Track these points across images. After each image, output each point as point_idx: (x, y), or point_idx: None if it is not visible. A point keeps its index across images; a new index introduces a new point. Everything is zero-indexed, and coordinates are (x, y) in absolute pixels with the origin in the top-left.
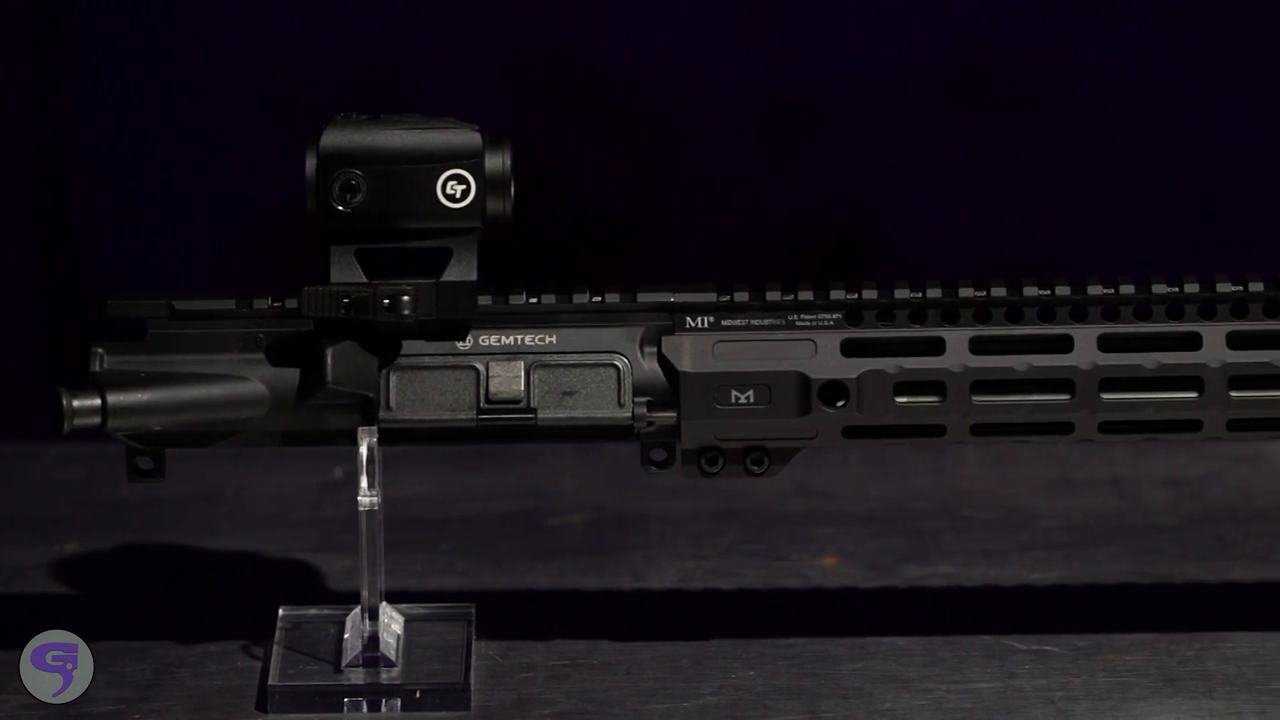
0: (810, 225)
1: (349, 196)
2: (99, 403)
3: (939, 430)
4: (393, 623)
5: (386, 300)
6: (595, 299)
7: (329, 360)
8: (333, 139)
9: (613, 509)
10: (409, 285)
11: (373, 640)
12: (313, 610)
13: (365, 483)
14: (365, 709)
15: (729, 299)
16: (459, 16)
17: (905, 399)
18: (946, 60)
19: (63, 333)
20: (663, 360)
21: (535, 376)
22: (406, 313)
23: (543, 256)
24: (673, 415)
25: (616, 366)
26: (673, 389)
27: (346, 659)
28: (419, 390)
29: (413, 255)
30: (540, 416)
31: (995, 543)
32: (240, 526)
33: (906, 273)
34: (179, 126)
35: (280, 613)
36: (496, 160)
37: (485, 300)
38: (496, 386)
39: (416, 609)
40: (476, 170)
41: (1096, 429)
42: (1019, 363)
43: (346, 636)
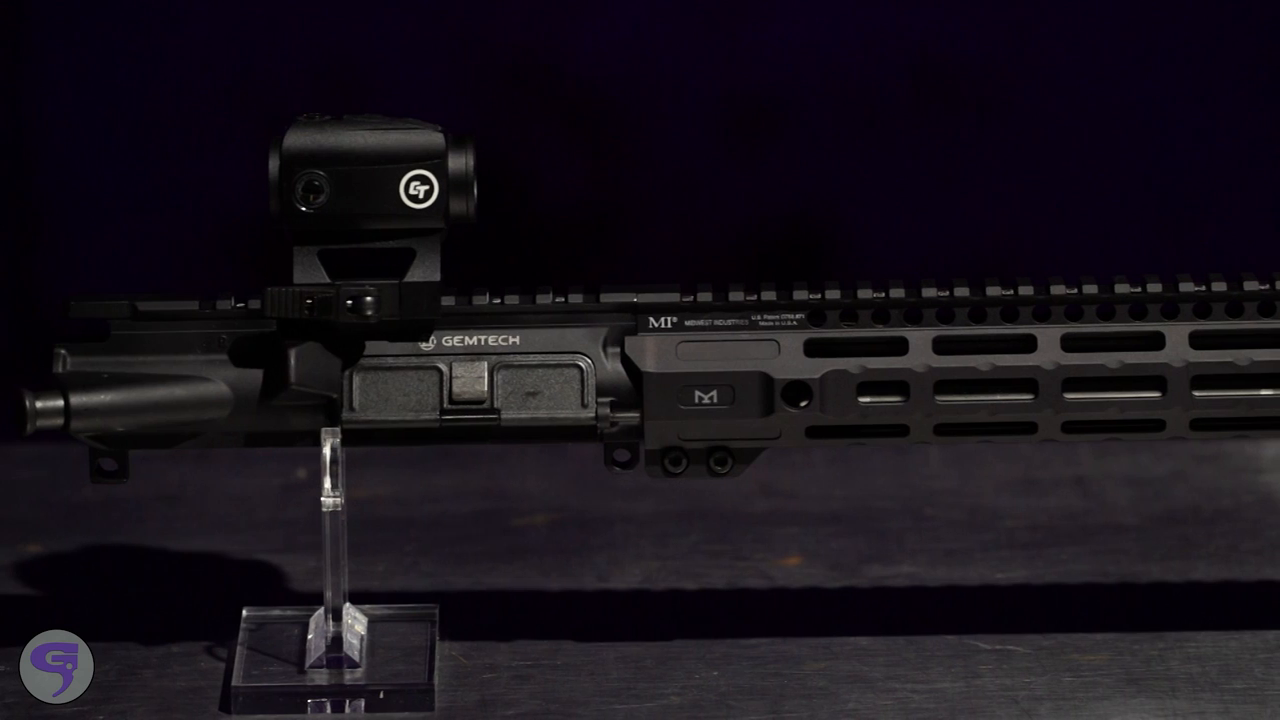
0: (773, 225)
1: (312, 197)
2: (62, 404)
3: (902, 430)
4: (356, 623)
5: (350, 301)
6: (558, 299)
7: (292, 361)
8: (296, 140)
9: (576, 509)
10: (372, 286)
11: (336, 641)
12: (276, 611)
13: (329, 483)
14: (329, 710)
15: (692, 299)
16: (422, 17)
17: (868, 399)
18: (909, 61)
19: (25, 334)
20: (626, 360)
21: (499, 377)
22: (370, 313)
23: (506, 257)
24: (636, 415)
25: (580, 367)
26: (636, 389)
27: (310, 660)
28: (382, 391)
29: (376, 256)
30: (504, 417)
31: (959, 542)
32: (204, 527)
33: (869, 273)
34: (142, 127)
35: (244, 614)
36: (459, 161)
37: (448, 301)
38: (460, 387)
39: (380, 610)
40: (439, 171)
41: (1060, 429)
42: (982, 363)
43: (310, 637)
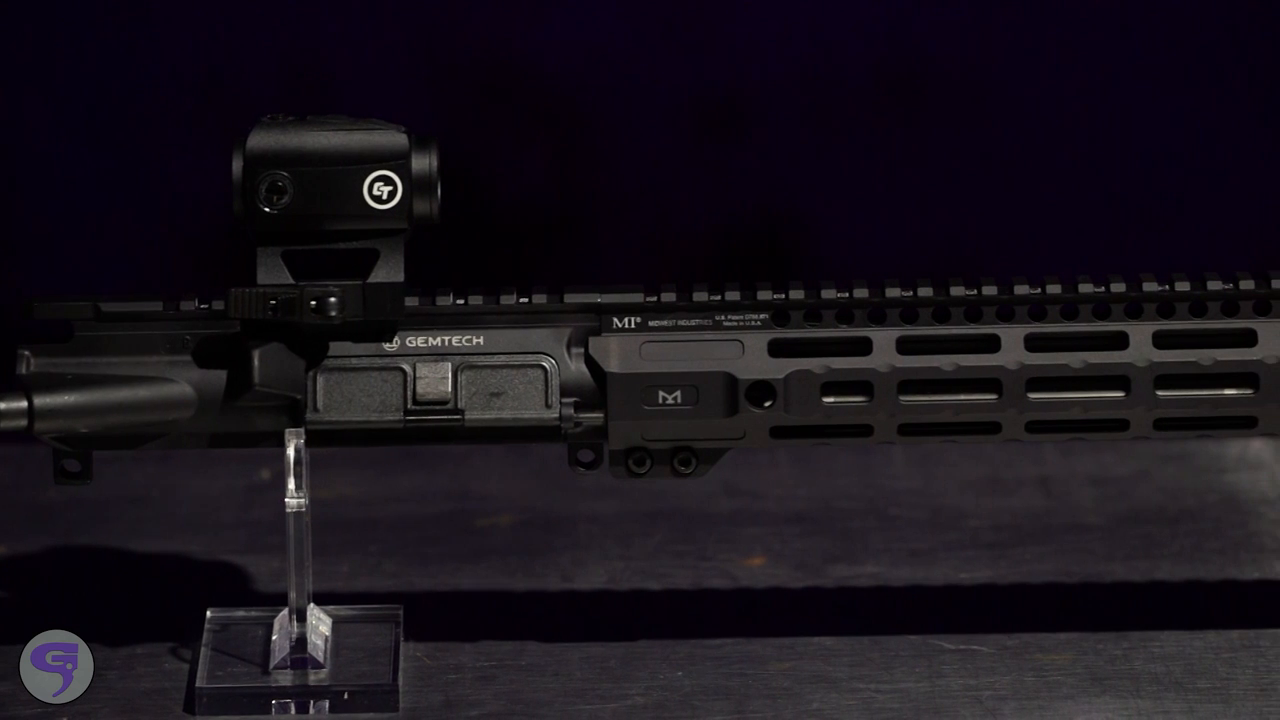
0: (738, 226)
1: (275, 198)
2: (25, 405)
3: (866, 430)
4: (320, 624)
5: (313, 302)
6: (522, 300)
7: (256, 362)
8: (259, 141)
9: (540, 510)
10: (336, 287)
11: (300, 642)
12: (240, 612)
13: (293, 484)
14: (293, 711)
15: (656, 300)
16: (386, 18)
17: (832, 399)
18: (874, 61)
19: None
20: (590, 361)
21: (462, 377)
22: (333, 314)
23: (470, 257)
24: (600, 416)
25: (544, 367)
26: (600, 390)
27: (274, 661)
28: (346, 392)
29: (339, 257)
30: (467, 417)
31: (923, 542)
32: (168, 528)
33: (834, 273)
34: (105, 128)
35: (208, 614)
36: (423, 161)
37: (412, 301)
38: (424, 388)
39: (344, 610)
40: (403, 171)
41: (1024, 428)
42: (946, 363)
43: (274, 638)
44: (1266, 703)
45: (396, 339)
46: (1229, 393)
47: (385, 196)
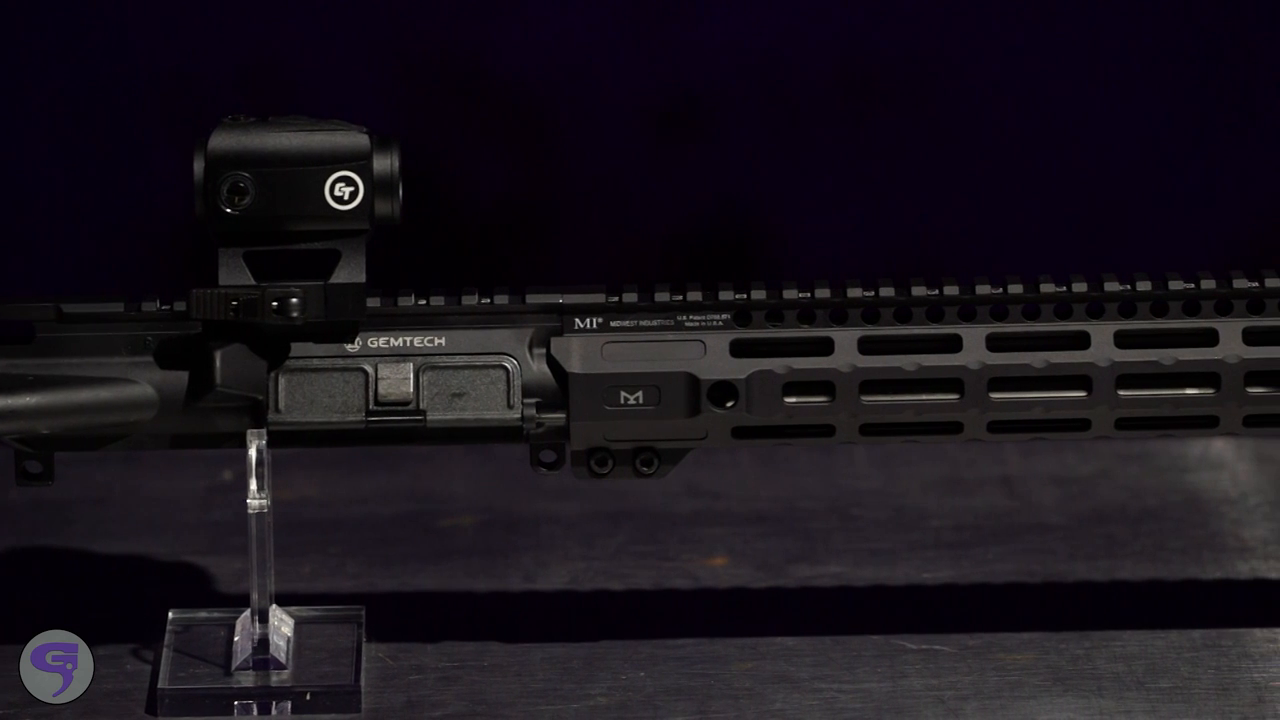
0: (700, 226)
1: (237, 199)
2: None
3: (828, 430)
4: (283, 625)
5: (275, 303)
6: (484, 300)
7: (218, 363)
8: (221, 141)
9: (502, 510)
10: (297, 287)
11: (263, 643)
12: (202, 613)
13: (254, 485)
14: (255, 711)
15: (617, 300)
16: (348, 18)
17: (794, 399)
18: (834, 62)
19: None
20: (552, 361)
21: (424, 378)
22: (295, 315)
23: (431, 258)
24: (562, 416)
25: (505, 368)
26: (562, 390)
27: (236, 662)
28: (308, 392)
29: (301, 257)
30: (429, 418)
31: (885, 542)
32: (129, 529)
33: (796, 273)
34: (66, 129)
35: (170, 616)
36: (385, 162)
37: (374, 302)
38: (385, 388)
39: (306, 611)
40: (364, 172)
41: (985, 428)
42: (908, 363)
43: (236, 639)
44: (1228, 702)
45: (358, 340)
46: (1190, 392)
47: (347, 197)
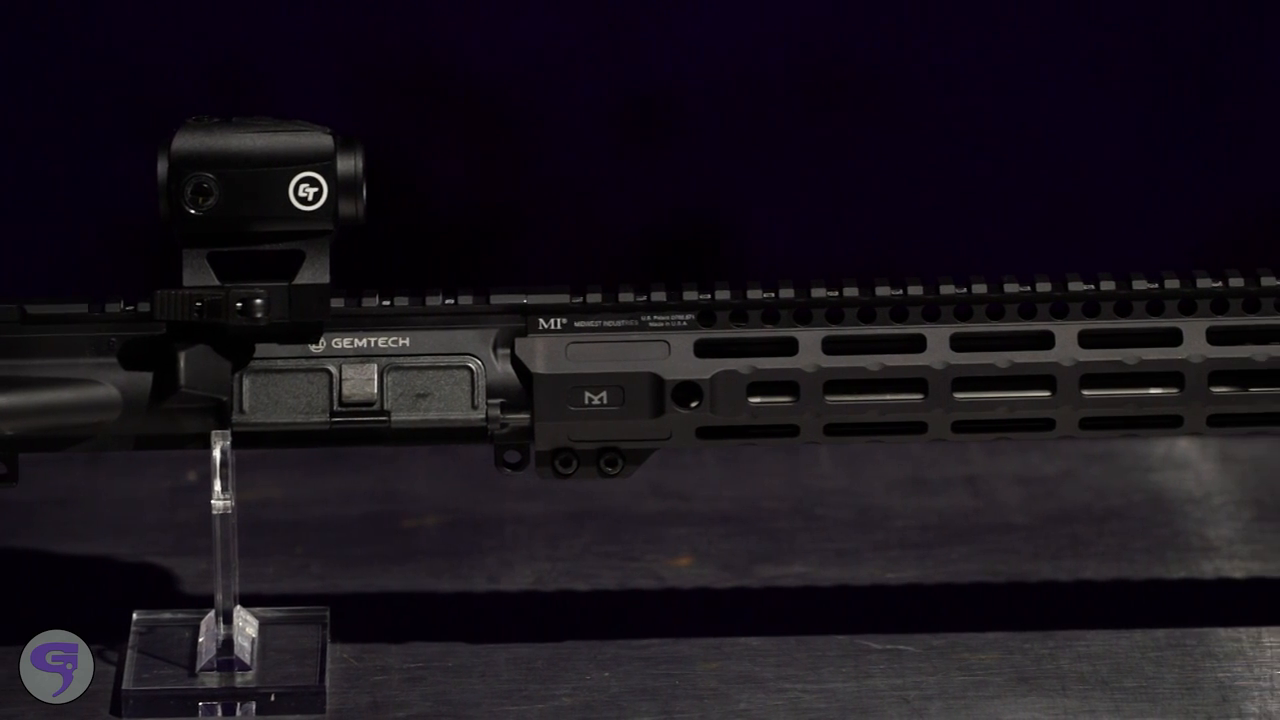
0: (664, 227)
1: (201, 200)
2: None
3: (793, 430)
4: (247, 626)
5: (239, 304)
6: (448, 301)
7: (182, 364)
8: (184, 142)
9: (467, 511)
10: (261, 288)
11: (227, 644)
12: (167, 614)
13: (219, 486)
14: (220, 713)
15: (582, 300)
16: (312, 18)
17: (758, 399)
18: (799, 62)
19: None
20: (516, 362)
21: (388, 379)
22: (259, 316)
23: (396, 259)
24: (526, 417)
25: (470, 368)
26: (526, 390)
27: (201, 663)
28: (272, 393)
29: (265, 258)
30: (394, 419)
31: (849, 542)
32: (94, 530)
33: (759, 274)
34: (31, 129)
35: (134, 617)
36: (348, 163)
37: (338, 303)
38: (350, 389)
39: (271, 612)
40: (328, 173)
41: (950, 428)
42: (872, 363)
43: (201, 640)
44: (1192, 701)
45: (322, 340)
46: (1154, 392)
47: (311, 198)
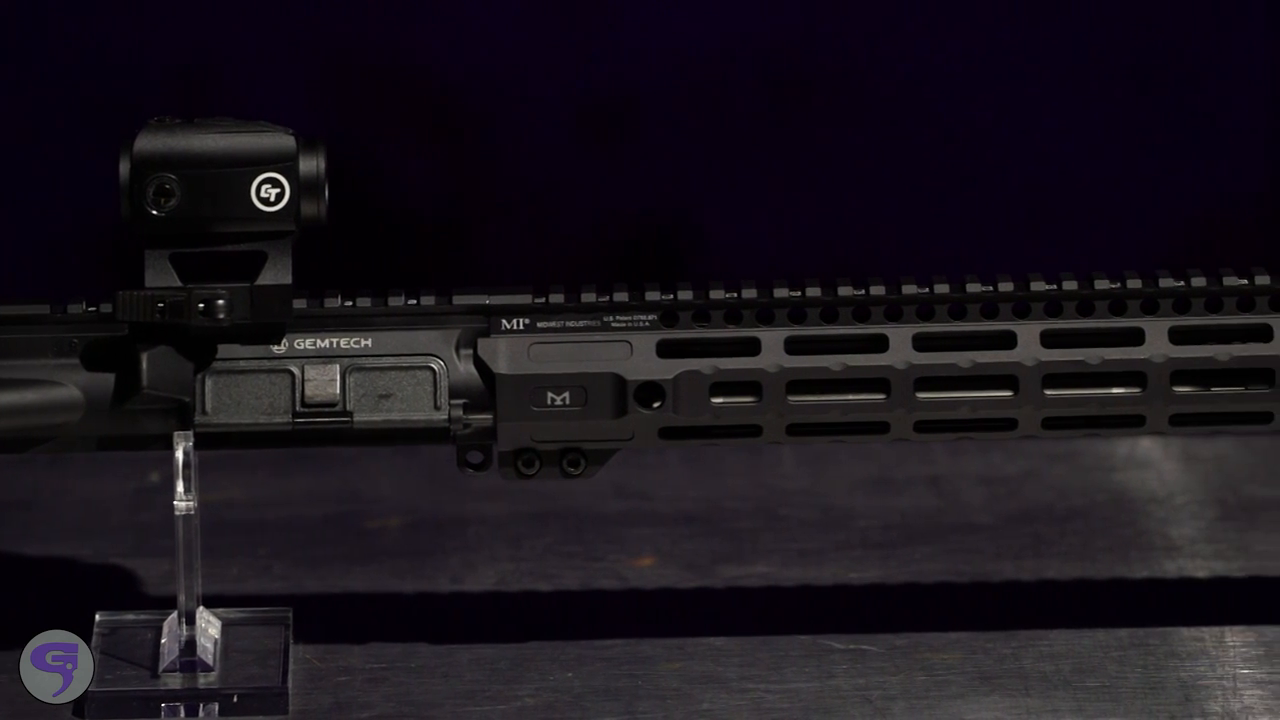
0: (626, 227)
1: (163, 200)
2: None
3: (755, 430)
4: (210, 627)
5: (201, 304)
6: (411, 302)
7: (144, 365)
8: (146, 143)
9: (430, 512)
10: (224, 289)
11: (190, 645)
12: (129, 615)
13: (181, 487)
14: (183, 714)
15: (544, 301)
16: (275, 20)
17: (721, 399)
18: (763, 62)
19: None
20: (478, 362)
21: (351, 379)
22: (221, 317)
23: (358, 259)
24: (489, 417)
25: (432, 369)
26: (489, 391)
27: (164, 664)
28: (235, 394)
29: (227, 259)
30: (356, 419)
31: (812, 542)
32: (56, 532)
33: (722, 274)
34: None
35: (97, 618)
36: (311, 163)
37: (300, 303)
38: (312, 390)
39: (234, 613)
40: (290, 174)
41: (912, 428)
42: (834, 362)
43: (163, 641)
44: (1155, 700)
45: (285, 341)
46: (1117, 391)
47: (273, 199)
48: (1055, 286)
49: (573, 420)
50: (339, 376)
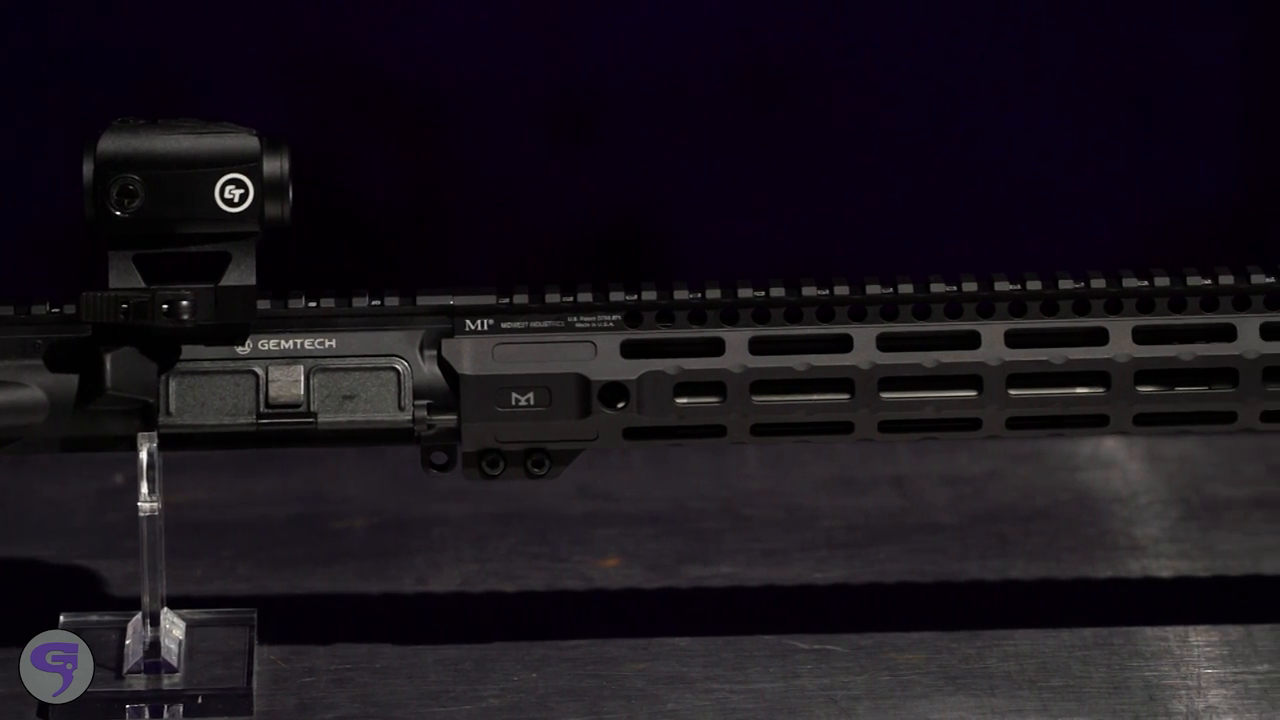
0: (590, 227)
1: (127, 201)
2: None
3: (719, 431)
4: (174, 628)
5: (165, 305)
6: (375, 302)
7: (108, 366)
8: (110, 144)
9: (394, 512)
10: (187, 290)
11: (154, 646)
12: (94, 616)
13: (145, 488)
14: (147, 715)
15: (508, 301)
16: (238, 20)
17: (685, 400)
18: (726, 62)
19: None
20: (443, 363)
21: (315, 380)
22: (185, 318)
23: (322, 260)
24: (453, 418)
25: (396, 370)
26: (453, 392)
27: (128, 665)
28: (199, 395)
29: (191, 260)
30: (320, 420)
31: (777, 542)
32: (20, 533)
33: (686, 274)
34: None
35: (61, 619)
36: (274, 164)
37: (264, 304)
38: (276, 391)
39: (198, 614)
40: (254, 174)
41: (876, 428)
42: (798, 363)
43: (128, 643)
44: (1119, 700)
45: (249, 342)
46: (1081, 391)
47: (237, 200)
48: (1019, 286)
49: (537, 421)
50: (303, 377)
